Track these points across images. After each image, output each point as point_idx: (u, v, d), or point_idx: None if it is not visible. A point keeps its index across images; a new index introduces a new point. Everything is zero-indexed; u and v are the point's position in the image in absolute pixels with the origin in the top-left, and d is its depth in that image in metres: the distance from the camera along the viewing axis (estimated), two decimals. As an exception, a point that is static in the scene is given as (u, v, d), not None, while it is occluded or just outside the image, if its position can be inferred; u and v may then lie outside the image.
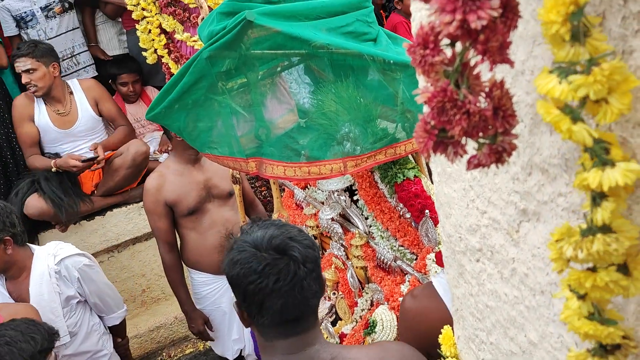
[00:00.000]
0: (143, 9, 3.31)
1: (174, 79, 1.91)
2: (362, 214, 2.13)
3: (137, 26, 3.38)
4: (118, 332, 2.68)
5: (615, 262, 0.49)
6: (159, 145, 3.90)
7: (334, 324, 2.17)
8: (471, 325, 0.80)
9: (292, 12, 1.69)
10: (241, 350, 2.91)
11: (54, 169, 3.31)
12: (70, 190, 3.38)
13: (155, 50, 3.35)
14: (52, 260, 2.34)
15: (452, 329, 0.92)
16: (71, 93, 3.46)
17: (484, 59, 0.50)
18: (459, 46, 0.51)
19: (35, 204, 3.25)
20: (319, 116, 1.99)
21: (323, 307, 2.20)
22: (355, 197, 2.18)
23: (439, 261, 1.47)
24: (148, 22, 3.33)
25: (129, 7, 3.36)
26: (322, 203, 2.32)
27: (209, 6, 2.60)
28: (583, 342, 0.52)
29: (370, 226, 2.08)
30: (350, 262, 2.10)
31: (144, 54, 3.35)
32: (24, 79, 3.21)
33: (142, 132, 3.99)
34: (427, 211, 1.80)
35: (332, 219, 2.18)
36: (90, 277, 2.43)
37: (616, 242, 0.48)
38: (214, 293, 2.79)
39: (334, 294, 2.22)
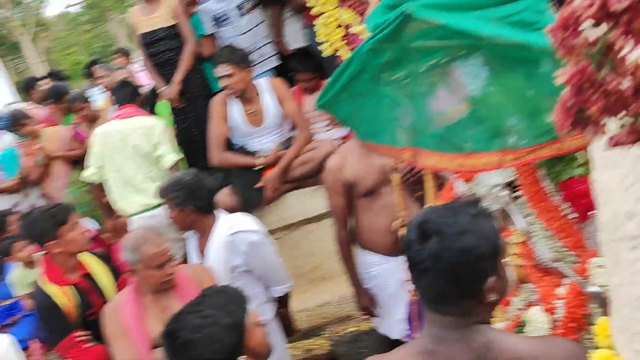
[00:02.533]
0: (323, 4, 3.47)
1: (340, 69, 1.99)
2: (522, 211, 2.02)
3: (316, 20, 3.55)
4: (281, 302, 2.91)
5: None
6: None
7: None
8: (626, 316, 0.75)
9: (455, 2, 1.66)
10: None
11: (257, 167, 3.64)
12: (258, 188, 3.66)
13: (332, 43, 3.50)
14: (227, 230, 2.66)
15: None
16: (260, 92, 3.70)
17: (627, 40, 0.48)
18: (602, 28, 0.50)
19: (224, 200, 3.55)
20: (484, 108, 1.93)
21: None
22: (516, 194, 2.07)
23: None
24: (327, 17, 3.48)
25: (308, 4, 3.55)
26: (482, 198, 2.25)
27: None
28: None
29: (531, 224, 1.97)
30: (507, 260, 2.01)
31: (320, 47, 3.51)
32: (223, 82, 3.51)
33: (315, 122, 4.18)
34: (593, 212, 1.66)
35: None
36: (258, 253, 2.68)
37: None
38: (383, 273, 2.85)
39: (489, 290, 2.14)
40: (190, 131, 3.97)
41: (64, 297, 2.69)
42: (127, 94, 3.90)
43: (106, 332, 2.43)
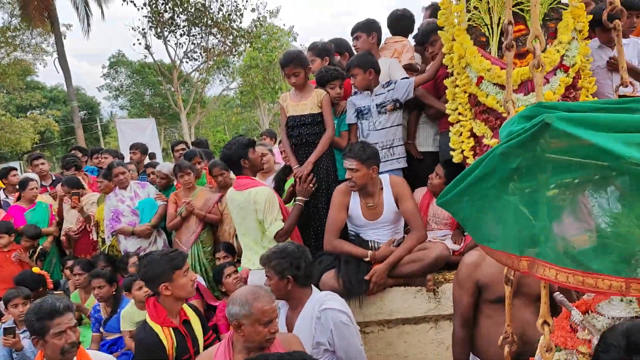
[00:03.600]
0: (460, 114, 3.56)
1: (467, 171, 2.00)
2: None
3: (450, 128, 3.64)
4: None
5: None
6: None
7: None
8: None
9: (595, 121, 1.64)
10: None
11: (367, 259, 3.67)
12: (362, 277, 3.66)
13: (462, 151, 3.54)
14: (318, 306, 2.68)
15: None
16: (381, 189, 3.78)
17: None
18: None
19: (328, 282, 3.61)
20: (612, 235, 1.83)
21: None
22: (639, 331, 1.89)
23: None
24: (462, 126, 3.56)
25: (447, 111, 3.66)
26: (600, 330, 2.07)
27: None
28: None
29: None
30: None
31: (451, 153, 3.56)
32: (347, 174, 3.66)
33: (434, 227, 4.15)
34: None
35: (608, 349, 1.92)
36: (343, 334, 2.65)
37: None
38: None
39: None
40: (309, 210, 4.12)
41: (166, 337, 2.80)
42: (236, 165, 3.93)
43: None
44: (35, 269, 5.25)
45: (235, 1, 21.31)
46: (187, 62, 23.45)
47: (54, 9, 19.19)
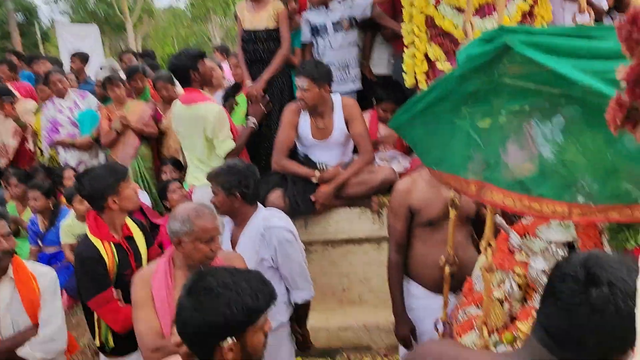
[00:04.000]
0: (415, 35, 3.46)
1: (422, 94, 1.95)
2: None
3: (405, 50, 3.54)
4: (299, 311, 2.85)
5: None
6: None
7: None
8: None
9: (553, 47, 1.59)
10: None
11: (314, 180, 3.63)
12: (309, 197, 3.65)
13: (415, 75, 3.47)
14: (263, 223, 2.65)
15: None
16: (332, 109, 3.68)
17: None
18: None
19: (275, 201, 3.57)
20: (557, 163, 1.84)
21: None
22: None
23: None
24: (416, 48, 3.46)
25: (402, 32, 3.55)
26: (536, 253, 2.14)
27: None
28: None
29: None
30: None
31: (404, 76, 3.49)
32: (298, 93, 3.54)
33: (382, 149, 4.13)
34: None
35: (543, 271, 1.99)
36: (287, 251, 2.65)
37: None
38: (424, 309, 2.74)
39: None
40: (260, 128, 4.01)
41: (107, 252, 2.71)
42: (185, 76, 3.65)
43: (134, 298, 2.41)
44: (-32, 180, 4.98)
45: None
46: (133, -34, 21.88)
47: None
